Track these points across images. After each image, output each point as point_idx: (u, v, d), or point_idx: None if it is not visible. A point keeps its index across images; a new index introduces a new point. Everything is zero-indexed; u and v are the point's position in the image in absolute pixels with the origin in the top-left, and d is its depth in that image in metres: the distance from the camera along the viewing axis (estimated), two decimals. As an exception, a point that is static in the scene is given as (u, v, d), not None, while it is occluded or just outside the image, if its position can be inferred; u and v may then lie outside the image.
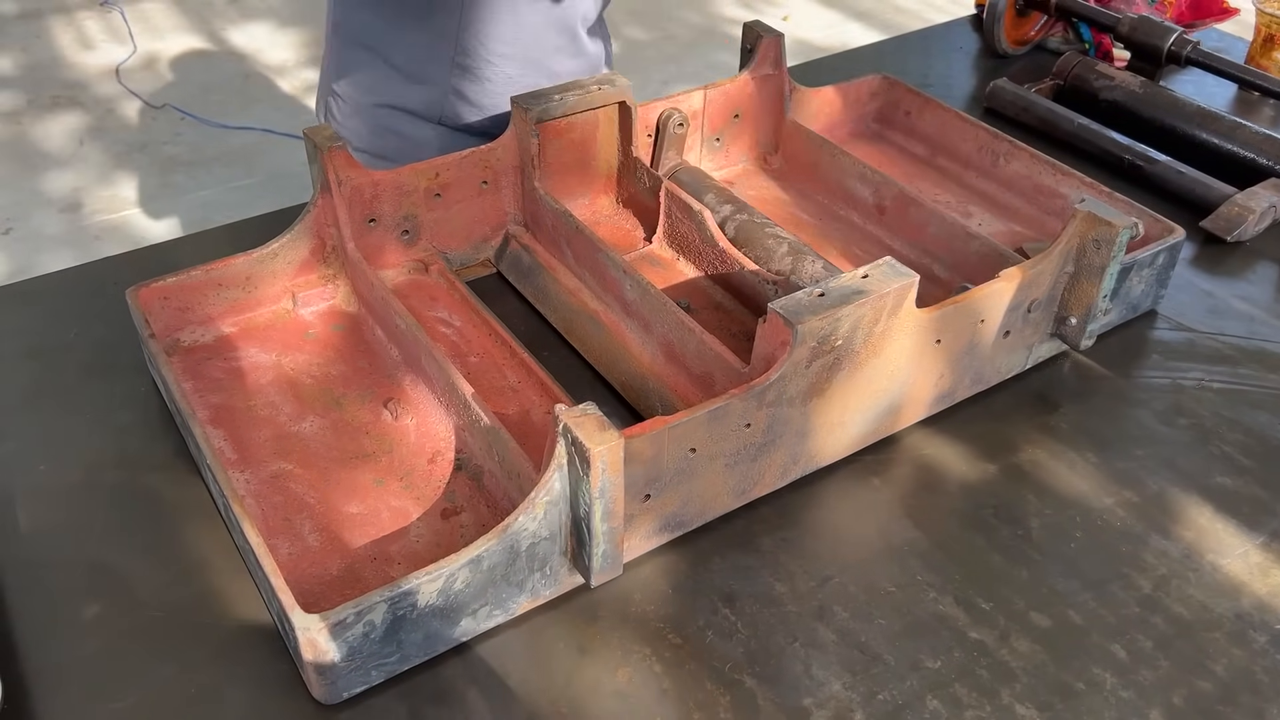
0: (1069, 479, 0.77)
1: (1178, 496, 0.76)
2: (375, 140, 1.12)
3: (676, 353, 0.79)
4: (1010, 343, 0.82)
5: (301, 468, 0.75)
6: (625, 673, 0.64)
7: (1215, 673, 0.65)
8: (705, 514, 0.72)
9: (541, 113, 0.89)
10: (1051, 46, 1.38)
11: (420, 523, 0.71)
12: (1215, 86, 1.28)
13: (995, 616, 0.68)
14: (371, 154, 1.12)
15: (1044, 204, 1.00)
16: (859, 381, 0.73)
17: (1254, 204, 1.00)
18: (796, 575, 0.70)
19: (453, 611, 0.62)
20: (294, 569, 0.67)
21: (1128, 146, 1.10)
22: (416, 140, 1.10)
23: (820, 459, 0.76)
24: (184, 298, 0.83)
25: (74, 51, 3.29)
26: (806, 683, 0.64)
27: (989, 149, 1.04)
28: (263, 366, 0.83)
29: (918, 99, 1.10)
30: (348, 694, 0.62)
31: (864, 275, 0.70)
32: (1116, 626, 0.67)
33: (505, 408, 0.79)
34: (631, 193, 0.98)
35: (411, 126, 1.09)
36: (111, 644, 0.65)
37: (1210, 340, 0.90)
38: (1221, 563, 0.72)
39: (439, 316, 0.88)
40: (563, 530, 0.65)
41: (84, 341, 0.87)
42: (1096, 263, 0.79)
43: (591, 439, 0.59)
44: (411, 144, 1.10)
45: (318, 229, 0.86)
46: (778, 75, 1.04)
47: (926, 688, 0.64)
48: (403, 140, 1.10)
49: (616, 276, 0.83)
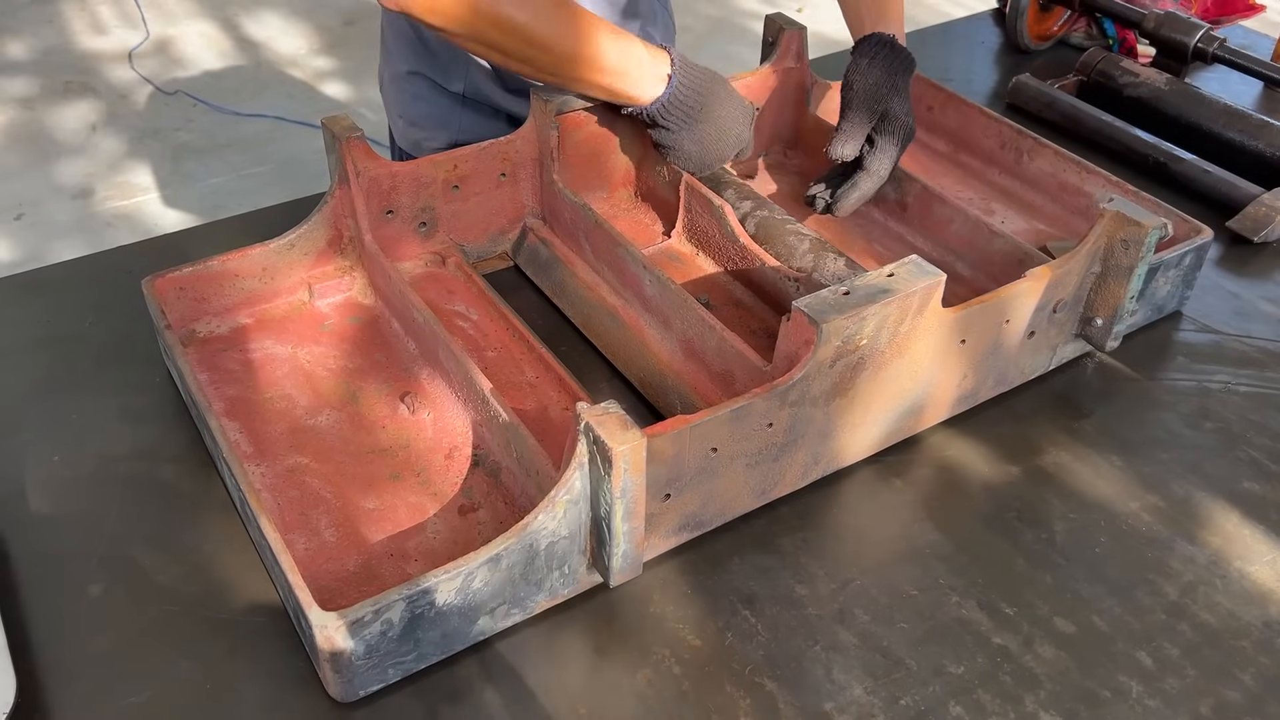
0: (1093, 482, 0.76)
1: (1204, 501, 0.75)
2: (409, 108, 1.12)
3: (696, 350, 0.78)
4: (1035, 343, 0.81)
5: (318, 462, 0.74)
6: (644, 674, 0.63)
7: (1243, 682, 0.64)
8: (725, 514, 0.71)
9: (562, 104, 0.88)
10: (1074, 42, 1.37)
11: (437, 519, 0.70)
12: (1241, 84, 1.27)
13: (1019, 622, 0.67)
14: (406, 121, 1.12)
15: (1068, 202, 0.99)
16: (882, 381, 0.72)
17: None
18: (817, 577, 0.69)
19: (470, 610, 0.62)
20: (310, 565, 0.67)
21: (1153, 144, 1.09)
22: (443, 109, 1.10)
23: (842, 459, 0.75)
24: (200, 288, 0.82)
25: (86, 37, 3.28)
26: (828, 686, 0.63)
27: (1012, 145, 1.03)
28: (279, 359, 0.82)
29: (940, 94, 1.09)
30: (364, 692, 0.61)
31: (890, 274, 0.69)
32: (1142, 633, 0.66)
33: (523, 403, 0.78)
34: (650, 186, 0.97)
35: (438, 96, 1.09)
36: (126, 638, 0.65)
37: (1236, 342, 0.89)
38: (1249, 569, 0.70)
39: (456, 310, 0.87)
40: (582, 529, 0.64)
41: (98, 331, 0.86)
42: (1124, 263, 0.78)
43: (614, 438, 0.59)
44: (439, 112, 1.10)
45: (335, 220, 0.85)
46: (799, 69, 1.03)
47: (949, 693, 0.63)
48: (431, 108, 1.10)
49: (636, 271, 0.82)
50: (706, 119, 0.87)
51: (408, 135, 1.13)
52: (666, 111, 0.86)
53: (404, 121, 1.13)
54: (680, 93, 0.86)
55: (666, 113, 0.86)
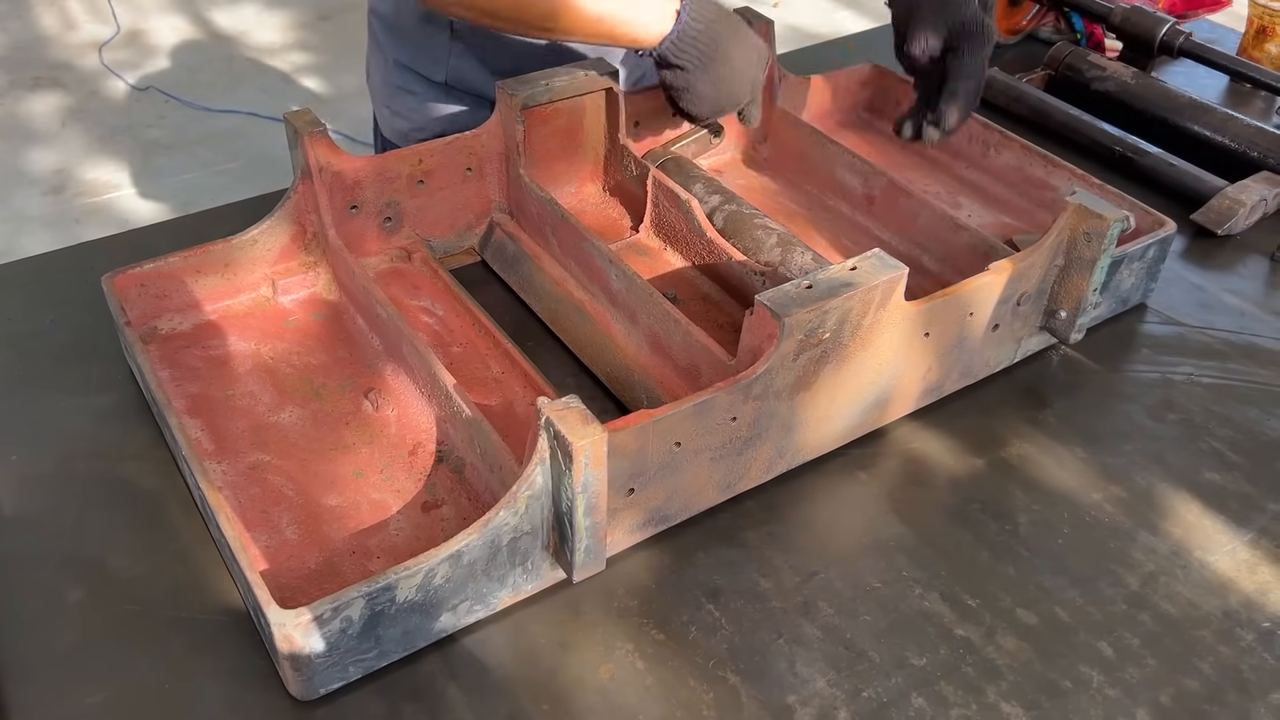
0: (1057, 474, 0.77)
1: (1166, 492, 0.76)
2: (393, 99, 1.10)
3: (662, 344, 0.78)
4: (999, 336, 0.81)
5: (280, 459, 0.73)
6: (608, 669, 0.63)
7: (1203, 671, 0.64)
8: (690, 508, 0.71)
9: (527, 98, 0.88)
10: (1043, 36, 1.37)
11: (400, 515, 0.70)
12: (1207, 78, 1.28)
13: (982, 613, 0.67)
14: (391, 111, 1.11)
15: (1034, 196, 1.00)
16: (846, 375, 0.72)
17: (1245, 197, 0.99)
18: (782, 570, 0.69)
19: (432, 607, 0.61)
20: (271, 562, 0.66)
21: (1119, 138, 1.09)
22: (426, 99, 1.08)
23: (807, 453, 0.75)
24: (161, 284, 0.82)
25: (57, 31, 3.25)
26: (791, 680, 0.63)
27: (980, 140, 1.03)
28: (241, 355, 0.81)
29: (909, 88, 1.08)
30: (325, 690, 0.61)
31: (852, 267, 0.69)
32: (1104, 624, 0.67)
33: (488, 399, 0.78)
34: (618, 181, 0.97)
35: (422, 85, 1.07)
36: (86, 637, 0.64)
37: (1200, 334, 0.89)
38: (1210, 559, 0.71)
39: (422, 305, 0.86)
40: (545, 524, 0.64)
41: (61, 328, 0.85)
42: (1087, 256, 0.78)
43: (574, 433, 0.58)
44: (421, 103, 1.08)
45: (298, 215, 0.85)
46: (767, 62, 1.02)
47: (912, 685, 0.63)
48: (415, 98, 1.08)
49: (602, 266, 0.82)
50: (721, 57, 0.80)
51: (392, 125, 1.12)
52: (679, 49, 0.79)
53: (389, 111, 1.12)
54: (691, 27, 0.79)
55: (679, 50, 0.79)
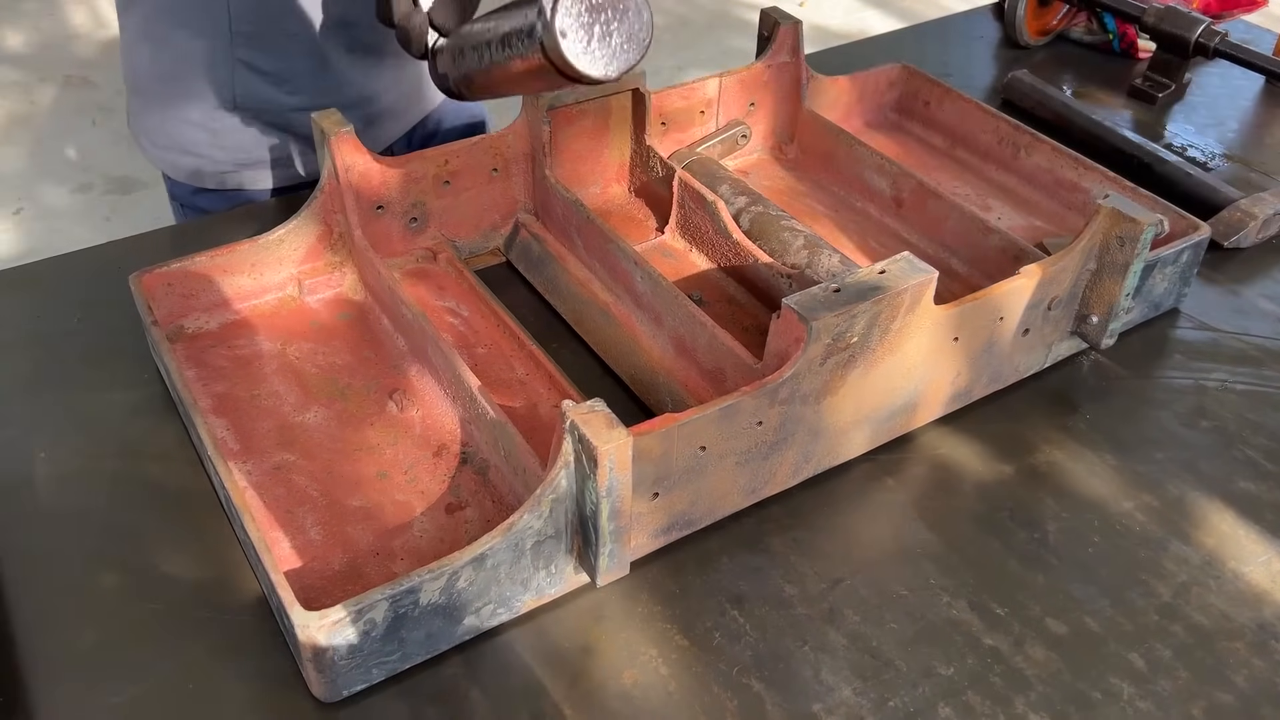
0: (1087, 482, 0.76)
1: (1199, 501, 0.74)
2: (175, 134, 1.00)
3: (687, 347, 0.77)
4: (1029, 341, 0.80)
5: (305, 459, 0.73)
6: (631, 674, 0.63)
7: (1236, 684, 0.63)
8: (714, 513, 0.71)
9: (554, 99, 0.87)
10: (1074, 37, 1.36)
11: (424, 517, 0.70)
12: (1242, 79, 1.26)
13: (1010, 623, 0.66)
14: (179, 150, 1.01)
15: (1065, 198, 0.98)
16: (874, 379, 0.72)
17: (1258, 210, 0.97)
18: (807, 577, 0.69)
19: (456, 610, 0.61)
20: (295, 563, 0.66)
21: (1139, 145, 1.07)
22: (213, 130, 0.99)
23: (833, 458, 0.75)
24: (188, 284, 0.82)
25: (88, 29, 3.28)
26: (816, 688, 0.62)
27: (1010, 141, 1.02)
28: (267, 355, 0.82)
29: (937, 89, 1.08)
30: (348, 692, 0.61)
31: (881, 270, 0.69)
32: (1135, 635, 0.66)
33: (513, 401, 0.78)
34: (644, 182, 0.97)
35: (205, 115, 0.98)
36: (110, 636, 0.64)
37: (1234, 340, 0.88)
38: (1243, 570, 0.70)
39: (447, 306, 0.86)
40: (569, 528, 0.63)
41: (88, 327, 0.86)
42: (1120, 260, 0.77)
43: (599, 437, 0.58)
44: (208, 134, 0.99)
45: (324, 215, 0.85)
46: (794, 63, 1.02)
47: (939, 695, 0.62)
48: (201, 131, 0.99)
49: (627, 268, 0.82)
50: None
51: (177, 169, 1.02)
52: None
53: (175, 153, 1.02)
54: None
55: None
